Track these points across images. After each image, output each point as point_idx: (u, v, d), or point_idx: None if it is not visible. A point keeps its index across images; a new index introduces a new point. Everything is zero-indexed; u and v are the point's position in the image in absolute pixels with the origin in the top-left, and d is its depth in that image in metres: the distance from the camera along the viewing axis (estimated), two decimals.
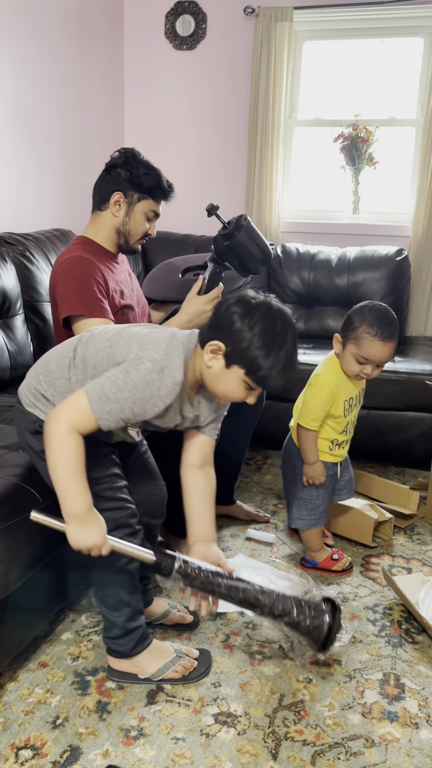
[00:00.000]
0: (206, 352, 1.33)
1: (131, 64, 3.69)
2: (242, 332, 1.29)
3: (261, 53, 3.36)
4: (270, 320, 1.30)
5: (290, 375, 1.33)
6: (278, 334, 1.30)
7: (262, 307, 1.32)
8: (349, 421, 2.00)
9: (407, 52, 3.35)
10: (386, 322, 1.79)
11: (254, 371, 1.31)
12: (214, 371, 1.34)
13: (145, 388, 1.29)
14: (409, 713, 1.51)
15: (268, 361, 1.29)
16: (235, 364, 1.32)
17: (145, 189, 1.90)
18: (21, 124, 2.81)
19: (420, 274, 3.32)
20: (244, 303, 1.32)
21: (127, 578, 1.50)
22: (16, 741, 1.40)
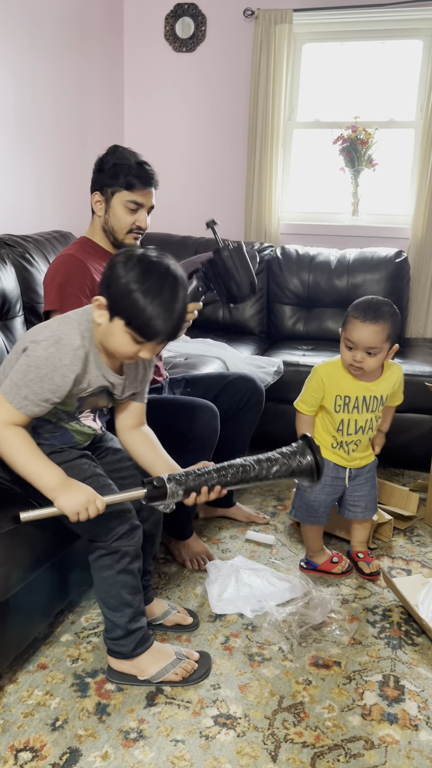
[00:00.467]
0: (94, 309, 1.35)
1: (131, 66, 3.70)
2: (120, 279, 1.30)
3: (260, 55, 3.36)
4: (146, 265, 1.31)
5: (170, 325, 1.32)
6: (156, 278, 1.30)
7: (140, 254, 1.32)
8: (343, 421, 1.92)
9: (406, 54, 3.35)
10: (370, 306, 1.79)
11: (133, 319, 1.30)
12: (103, 327, 1.35)
13: (47, 364, 1.33)
14: (409, 715, 1.51)
15: (145, 306, 1.28)
16: (115, 315, 1.32)
17: (116, 182, 1.90)
18: (20, 126, 2.82)
19: (419, 276, 3.32)
20: (127, 252, 1.33)
21: (129, 579, 1.50)
22: (15, 743, 1.39)
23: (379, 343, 1.78)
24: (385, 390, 1.92)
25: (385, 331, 1.78)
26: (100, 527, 1.44)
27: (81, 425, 1.52)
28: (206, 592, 1.93)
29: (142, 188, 1.89)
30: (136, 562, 1.51)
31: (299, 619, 1.78)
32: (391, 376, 1.93)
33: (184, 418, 1.90)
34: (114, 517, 1.45)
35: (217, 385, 2.19)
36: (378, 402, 1.92)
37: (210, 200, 3.69)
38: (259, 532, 2.28)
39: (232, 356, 2.75)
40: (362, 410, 1.91)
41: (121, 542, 1.46)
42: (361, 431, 1.95)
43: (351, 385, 1.89)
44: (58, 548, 1.59)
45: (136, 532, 1.49)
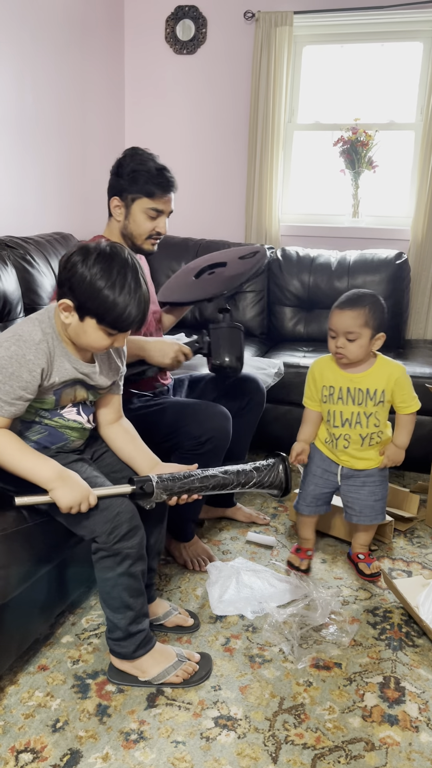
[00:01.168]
0: (60, 311, 1.38)
1: (132, 68, 3.70)
2: (84, 280, 1.32)
3: (261, 58, 3.37)
4: (106, 261, 1.33)
5: (138, 312, 1.36)
6: (118, 273, 1.33)
7: (96, 250, 1.34)
8: (330, 411, 1.95)
9: (407, 56, 3.35)
10: (349, 296, 1.88)
11: (104, 316, 1.35)
12: (73, 327, 1.39)
13: (11, 362, 1.36)
14: (410, 716, 1.51)
15: (114, 301, 1.32)
16: (86, 315, 1.36)
17: (136, 189, 1.90)
18: (22, 129, 2.82)
19: (420, 278, 3.33)
20: (82, 251, 1.35)
21: (131, 581, 1.49)
22: (16, 744, 1.39)
23: (357, 327, 1.83)
24: (372, 384, 1.91)
25: (362, 316, 1.83)
26: (100, 527, 1.44)
27: (65, 420, 1.52)
28: (207, 593, 1.93)
29: (163, 195, 1.91)
30: (139, 564, 1.50)
31: (300, 620, 1.78)
32: (382, 372, 1.91)
33: (196, 421, 1.90)
34: (114, 517, 1.44)
35: (220, 386, 2.20)
36: (365, 396, 1.91)
37: (210, 202, 3.70)
38: (259, 533, 2.28)
39: None
40: (347, 402, 1.93)
41: (122, 544, 1.45)
42: (348, 425, 1.94)
43: (335, 375, 1.94)
44: (58, 550, 1.59)
45: (137, 534, 1.48)
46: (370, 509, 2.01)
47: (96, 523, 1.44)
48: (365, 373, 1.92)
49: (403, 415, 1.96)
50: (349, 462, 1.99)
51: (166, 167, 1.92)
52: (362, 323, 1.83)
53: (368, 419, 1.94)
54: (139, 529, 1.49)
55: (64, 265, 1.37)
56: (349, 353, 1.86)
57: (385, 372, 1.92)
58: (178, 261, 3.34)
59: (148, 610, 1.57)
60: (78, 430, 1.56)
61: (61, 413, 1.51)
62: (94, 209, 3.52)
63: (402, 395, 1.94)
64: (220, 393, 2.18)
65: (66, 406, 1.51)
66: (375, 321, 1.85)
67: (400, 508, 2.42)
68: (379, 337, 1.88)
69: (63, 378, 1.44)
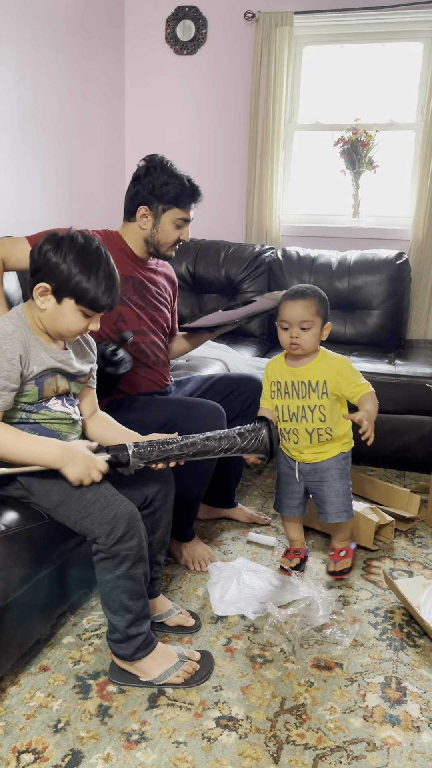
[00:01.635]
0: (36, 297, 1.44)
1: (132, 68, 3.71)
2: (59, 265, 1.40)
3: (261, 58, 3.37)
4: (79, 248, 1.42)
5: (115, 292, 1.46)
6: (92, 257, 1.42)
7: (67, 238, 1.43)
8: (278, 407, 1.97)
9: (407, 56, 3.36)
10: (296, 289, 1.92)
11: (82, 297, 1.43)
12: (50, 312, 1.45)
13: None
14: (411, 717, 1.51)
15: (90, 283, 1.41)
16: (64, 297, 1.43)
17: (168, 199, 1.95)
18: (23, 129, 2.83)
19: (420, 278, 3.33)
20: (52, 240, 1.43)
21: (130, 584, 1.49)
22: (17, 745, 1.39)
23: (310, 316, 1.87)
24: (314, 376, 1.91)
25: (313, 305, 1.88)
26: (98, 529, 1.44)
27: (52, 411, 1.53)
28: (208, 593, 1.93)
29: (191, 206, 2.00)
30: (139, 566, 1.49)
31: (301, 620, 1.78)
32: (323, 364, 1.93)
33: (191, 418, 1.90)
34: (112, 519, 1.44)
35: (223, 388, 2.20)
36: (307, 388, 1.92)
37: (211, 202, 3.69)
38: (260, 533, 2.28)
39: (233, 358, 2.76)
40: (292, 396, 1.94)
41: (120, 546, 1.44)
42: (295, 419, 1.95)
43: (282, 371, 1.97)
44: (59, 551, 1.58)
45: (136, 535, 1.47)
46: (331, 506, 1.99)
47: (94, 524, 1.44)
48: (307, 366, 1.93)
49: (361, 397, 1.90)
50: (303, 456, 1.99)
51: (192, 178, 2.01)
52: (314, 312, 1.88)
53: (313, 413, 1.93)
54: (138, 531, 1.48)
55: (37, 254, 1.43)
56: (303, 342, 1.89)
57: (325, 363, 1.93)
58: (179, 261, 3.35)
59: (149, 612, 1.57)
60: (67, 423, 1.56)
61: (47, 405, 1.52)
62: (95, 209, 3.52)
63: (348, 383, 1.91)
64: (223, 394, 2.18)
65: (50, 399, 1.52)
66: (323, 310, 1.91)
67: (401, 509, 2.42)
68: (327, 327, 1.93)
69: (41, 366, 1.47)
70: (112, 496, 1.47)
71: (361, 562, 2.15)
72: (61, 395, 1.55)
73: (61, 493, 1.47)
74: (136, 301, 2.04)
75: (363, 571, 2.10)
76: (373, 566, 2.13)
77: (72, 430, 1.58)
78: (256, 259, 3.31)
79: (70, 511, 1.46)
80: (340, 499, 1.99)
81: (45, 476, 1.49)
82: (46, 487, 1.49)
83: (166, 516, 1.69)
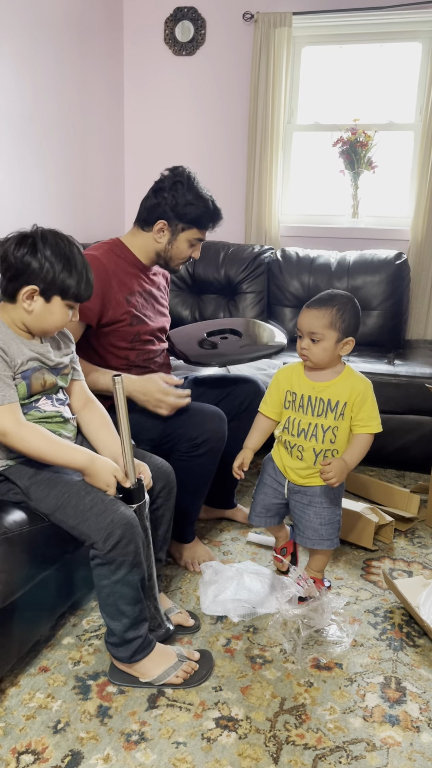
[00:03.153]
0: (22, 300, 1.46)
1: (131, 69, 3.71)
2: (43, 267, 1.44)
3: (260, 59, 3.37)
4: (54, 245, 1.46)
5: (91, 278, 1.52)
6: (68, 252, 1.47)
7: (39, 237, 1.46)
8: (289, 418, 1.82)
9: (406, 56, 3.36)
10: (321, 295, 1.77)
11: (68, 291, 1.47)
12: (37, 312, 1.48)
13: None
14: (411, 717, 1.51)
15: (73, 278, 1.47)
16: (53, 295, 1.47)
17: (189, 219, 1.94)
18: (22, 131, 2.83)
19: (419, 278, 3.33)
20: (24, 242, 1.45)
21: (127, 590, 1.48)
22: (17, 746, 1.40)
23: (320, 328, 1.72)
24: (335, 395, 1.76)
25: (327, 316, 1.71)
26: (95, 535, 1.43)
27: (42, 412, 1.54)
28: None
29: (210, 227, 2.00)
30: (135, 572, 1.48)
31: (307, 622, 1.77)
32: (346, 384, 1.77)
33: (191, 423, 1.90)
34: (108, 525, 1.43)
35: (221, 388, 2.20)
36: (325, 407, 1.77)
37: None
38: (260, 534, 2.28)
39: None
40: (307, 411, 1.79)
41: (116, 552, 1.43)
42: (304, 436, 1.80)
43: (300, 382, 1.82)
44: (60, 553, 1.59)
45: (132, 541, 1.45)
46: (313, 532, 1.85)
47: (90, 529, 1.44)
48: (329, 383, 1.78)
49: (359, 434, 1.78)
50: (296, 477, 1.86)
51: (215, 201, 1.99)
52: (326, 324, 1.72)
53: (325, 434, 1.78)
54: (135, 537, 1.46)
55: (13, 259, 1.45)
56: (312, 355, 1.75)
57: (349, 383, 1.77)
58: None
59: (147, 615, 1.56)
60: (58, 422, 1.57)
61: (37, 406, 1.53)
62: (95, 210, 3.53)
63: (362, 411, 1.76)
64: (221, 395, 2.18)
65: (40, 399, 1.53)
66: (342, 323, 1.72)
67: (400, 509, 2.42)
68: (347, 342, 1.75)
69: (23, 358, 1.48)
70: (109, 502, 1.47)
71: (361, 562, 2.15)
72: (51, 395, 1.56)
73: (59, 497, 1.47)
74: (148, 315, 2.04)
75: (363, 571, 2.10)
76: (373, 566, 2.13)
77: (63, 428, 1.58)
78: (256, 260, 3.31)
79: (67, 516, 1.46)
80: (325, 527, 1.85)
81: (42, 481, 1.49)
82: (44, 492, 1.49)
83: (169, 513, 1.71)
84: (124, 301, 1.94)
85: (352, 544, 2.24)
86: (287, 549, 2.05)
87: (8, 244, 1.45)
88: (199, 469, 1.92)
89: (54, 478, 1.50)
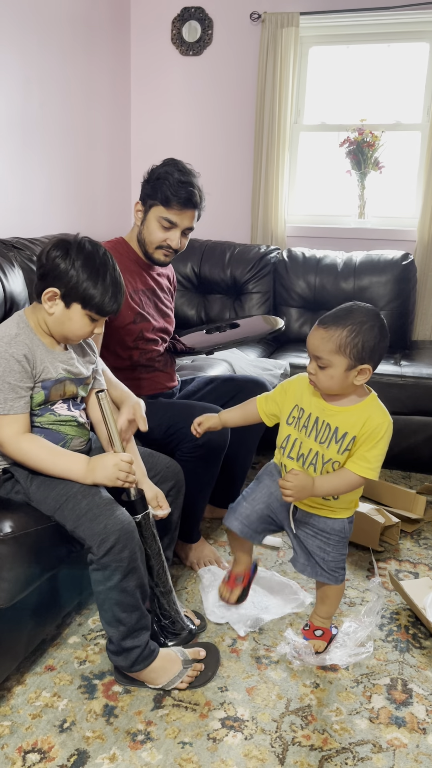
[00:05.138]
0: (44, 301, 1.46)
1: (138, 69, 3.71)
2: (68, 271, 1.43)
3: (267, 59, 3.37)
4: (87, 254, 1.45)
5: (120, 297, 1.50)
6: (99, 264, 1.45)
7: (75, 245, 1.45)
8: (289, 437, 1.58)
9: (413, 57, 3.35)
10: (339, 309, 1.47)
11: (89, 302, 1.45)
12: (57, 316, 1.47)
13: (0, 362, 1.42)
14: (417, 718, 1.51)
15: (97, 289, 1.44)
16: (72, 302, 1.46)
17: (157, 196, 1.92)
18: (28, 129, 2.83)
19: (426, 278, 3.32)
20: (62, 246, 1.45)
21: (122, 596, 1.44)
22: (23, 744, 1.40)
23: (326, 353, 1.42)
24: (344, 424, 1.48)
25: (335, 340, 1.41)
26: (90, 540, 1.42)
27: (57, 415, 1.53)
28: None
29: (179, 208, 1.90)
30: (131, 579, 1.44)
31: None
32: (361, 415, 1.47)
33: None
34: (102, 530, 1.41)
35: (228, 389, 2.20)
36: (330, 435, 1.49)
37: (217, 203, 3.69)
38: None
39: (238, 359, 2.76)
40: (310, 434, 1.52)
41: (110, 558, 1.40)
42: (303, 461, 1.55)
43: (310, 397, 1.55)
44: (65, 553, 1.59)
45: (127, 547, 1.42)
46: (316, 567, 1.63)
47: (85, 534, 1.42)
48: (343, 408, 1.49)
49: (347, 469, 1.49)
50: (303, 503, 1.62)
51: (192, 182, 1.90)
52: (333, 348, 1.41)
53: (324, 466, 1.52)
54: (130, 543, 1.43)
55: (45, 259, 1.45)
56: (318, 382, 1.47)
57: (366, 415, 1.47)
58: (184, 262, 3.34)
59: (147, 624, 1.51)
60: (73, 426, 1.56)
61: (52, 408, 1.52)
62: (101, 210, 3.53)
63: (363, 447, 1.48)
64: (225, 396, 2.18)
65: (56, 402, 1.53)
66: (354, 348, 1.41)
67: (406, 510, 2.41)
68: (362, 370, 1.44)
69: (45, 366, 1.48)
70: (104, 506, 1.44)
71: (367, 563, 2.15)
72: (68, 399, 1.55)
73: (58, 500, 1.47)
74: (152, 314, 2.06)
75: (369, 573, 2.09)
76: (379, 568, 2.12)
77: (78, 433, 1.58)
78: (262, 260, 3.31)
79: (65, 519, 1.46)
80: (329, 564, 1.63)
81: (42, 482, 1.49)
82: (44, 494, 1.49)
83: (177, 512, 1.71)
84: (129, 298, 1.95)
85: (358, 546, 2.23)
86: (244, 578, 1.80)
87: (48, 245, 1.46)
88: (202, 470, 1.92)
89: (54, 479, 1.49)
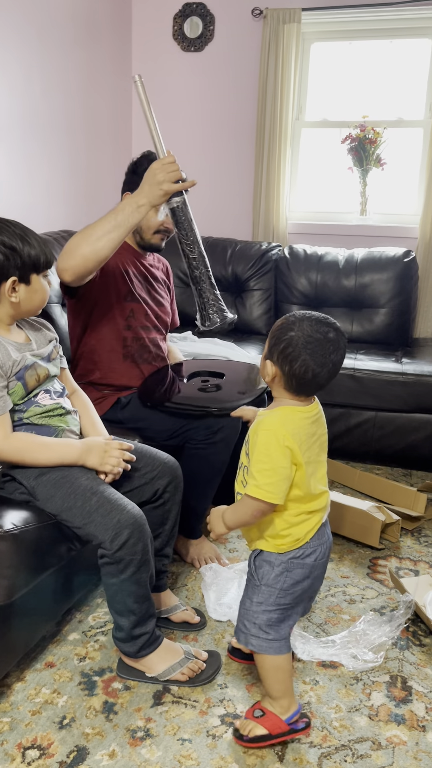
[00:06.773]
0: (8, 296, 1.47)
1: (139, 65, 3.70)
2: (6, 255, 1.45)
3: (269, 55, 3.36)
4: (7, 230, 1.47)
5: (44, 240, 1.54)
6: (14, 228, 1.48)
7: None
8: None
9: (415, 53, 3.34)
10: None
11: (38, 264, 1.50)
12: (24, 297, 1.50)
13: None
14: (416, 716, 1.51)
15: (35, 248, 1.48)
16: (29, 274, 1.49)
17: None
18: (29, 126, 2.83)
19: (428, 276, 3.31)
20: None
21: (135, 588, 1.48)
22: (23, 741, 1.40)
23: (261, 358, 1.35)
24: (254, 429, 1.33)
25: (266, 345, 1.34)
26: (102, 535, 1.43)
27: (41, 406, 1.53)
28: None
29: None
30: (144, 570, 1.48)
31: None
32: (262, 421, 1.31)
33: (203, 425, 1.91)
34: (115, 525, 1.43)
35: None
36: (247, 444, 1.36)
37: (218, 200, 3.69)
38: None
39: (239, 356, 2.75)
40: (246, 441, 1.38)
41: (124, 551, 1.43)
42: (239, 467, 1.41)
43: None
44: (66, 550, 1.59)
45: (140, 540, 1.45)
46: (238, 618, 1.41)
47: (98, 530, 1.44)
48: (261, 413, 1.38)
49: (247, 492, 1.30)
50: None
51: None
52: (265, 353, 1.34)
53: (240, 470, 1.39)
54: (142, 535, 1.46)
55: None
56: None
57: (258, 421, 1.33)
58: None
59: (154, 611, 1.56)
60: (61, 416, 1.57)
61: (36, 401, 1.53)
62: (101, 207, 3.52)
63: (252, 461, 1.30)
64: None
65: (38, 393, 1.53)
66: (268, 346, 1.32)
67: (407, 507, 2.41)
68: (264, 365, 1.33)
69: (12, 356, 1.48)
70: (116, 501, 1.46)
71: (367, 561, 2.15)
72: (48, 388, 1.56)
73: (65, 499, 1.47)
74: (144, 298, 2.07)
75: (369, 570, 2.09)
76: (379, 565, 2.12)
77: (69, 423, 1.59)
78: (263, 257, 3.31)
79: (74, 518, 1.46)
80: (240, 614, 1.40)
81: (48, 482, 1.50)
82: (50, 492, 1.49)
83: (175, 508, 1.71)
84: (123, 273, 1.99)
85: (358, 543, 2.23)
86: None
87: None
88: (213, 458, 1.93)
89: (59, 478, 1.49)
